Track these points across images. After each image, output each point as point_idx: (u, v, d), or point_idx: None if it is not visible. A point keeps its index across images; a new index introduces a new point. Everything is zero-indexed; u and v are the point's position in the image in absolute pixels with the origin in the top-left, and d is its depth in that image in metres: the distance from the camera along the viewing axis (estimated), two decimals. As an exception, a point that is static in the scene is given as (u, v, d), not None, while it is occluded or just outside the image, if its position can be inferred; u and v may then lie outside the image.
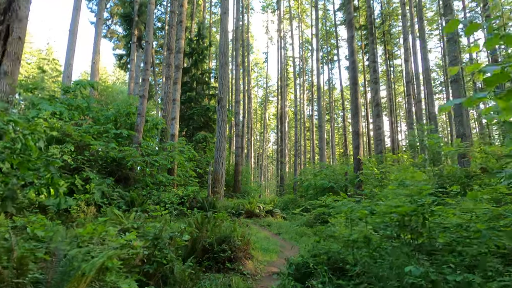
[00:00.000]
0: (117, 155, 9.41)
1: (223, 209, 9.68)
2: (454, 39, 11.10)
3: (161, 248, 3.45)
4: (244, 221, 9.84)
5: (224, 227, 5.63)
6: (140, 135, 11.21)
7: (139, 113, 11.37)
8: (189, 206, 9.52)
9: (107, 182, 8.20)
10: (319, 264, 3.51)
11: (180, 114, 20.51)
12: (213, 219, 6.08)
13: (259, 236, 8.17)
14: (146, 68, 11.71)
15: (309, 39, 43.85)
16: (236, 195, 17.72)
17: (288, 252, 7.10)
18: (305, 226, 9.78)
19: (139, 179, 10.22)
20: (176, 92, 13.47)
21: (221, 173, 10.55)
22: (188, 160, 14.23)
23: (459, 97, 10.59)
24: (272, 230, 10.11)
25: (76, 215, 7.05)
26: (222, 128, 11.12)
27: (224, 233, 5.27)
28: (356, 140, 12.99)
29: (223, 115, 11.10)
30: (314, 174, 15.37)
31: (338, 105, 50.14)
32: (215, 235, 5.16)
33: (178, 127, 16.62)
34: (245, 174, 20.77)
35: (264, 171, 57.08)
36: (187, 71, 21.53)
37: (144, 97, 11.61)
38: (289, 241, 8.59)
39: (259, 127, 58.02)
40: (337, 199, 10.57)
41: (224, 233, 5.21)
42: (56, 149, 7.84)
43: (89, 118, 10.92)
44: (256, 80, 55.60)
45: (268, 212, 12.45)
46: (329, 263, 3.59)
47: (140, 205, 8.34)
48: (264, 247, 6.88)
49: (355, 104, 13.26)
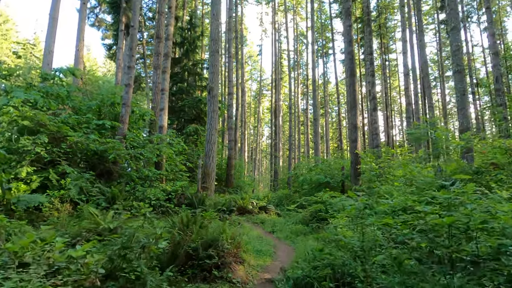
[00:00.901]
0: (99, 147, 8.68)
1: (213, 206, 9.05)
2: (458, 28, 10.53)
3: (130, 260, 2.80)
4: (235, 219, 9.23)
5: (212, 228, 4.99)
6: (125, 126, 10.47)
7: (124, 103, 10.61)
8: (176, 202, 8.87)
9: (85, 176, 7.49)
10: (323, 280, 2.90)
11: (171, 106, 19.76)
12: (200, 218, 5.45)
13: (251, 235, 7.57)
14: (131, 54, 10.92)
15: (303, 32, 43.09)
16: (228, 190, 17.09)
17: (283, 254, 6.52)
18: (301, 224, 9.22)
19: (123, 173, 9.51)
20: (165, 81, 12.72)
21: (211, 167, 9.90)
22: (178, 154, 13.53)
23: (463, 87, 10.06)
24: (265, 228, 9.53)
25: (48, 213, 6.36)
26: (213, 120, 10.44)
27: (211, 235, 4.63)
28: (354, 134, 12.44)
29: (214, 106, 10.41)
30: (310, 169, 14.82)
31: (333, 99, 49.70)
32: (201, 238, 4.52)
33: (167, 119, 15.89)
34: (238, 168, 20.13)
35: (258, 165, 56.57)
36: (178, 61, 20.71)
37: (130, 85, 10.84)
38: (284, 241, 8.01)
39: (253, 121, 57.34)
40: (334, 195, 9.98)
41: (211, 236, 4.58)
42: (28, 141, 7.10)
43: (68, 108, 10.13)
44: (250, 73, 54.77)
45: (262, 209, 11.87)
46: (335, 277, 2.98)
47: (122, 201, 7.65)
48: (257, 249, 6.28)
49: (353, 96, 12.67)
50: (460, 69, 10.14)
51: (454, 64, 10.25)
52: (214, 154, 10.21)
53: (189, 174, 14.14)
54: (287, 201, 14.57)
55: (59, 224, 5.94)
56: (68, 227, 5.90)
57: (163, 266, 3.83)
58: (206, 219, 5.69)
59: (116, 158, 9.05)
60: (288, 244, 7.64)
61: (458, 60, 10.20)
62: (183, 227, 4.71)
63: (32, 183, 6.88)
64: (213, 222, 5.52)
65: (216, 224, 5.64)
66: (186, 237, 4.39)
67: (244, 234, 6.07)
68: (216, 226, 5.28)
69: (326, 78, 42.83)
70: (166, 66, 12.80)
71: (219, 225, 5.24)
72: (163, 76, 12.77)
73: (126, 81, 10.97)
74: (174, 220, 5.44)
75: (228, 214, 9.28)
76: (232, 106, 20.12)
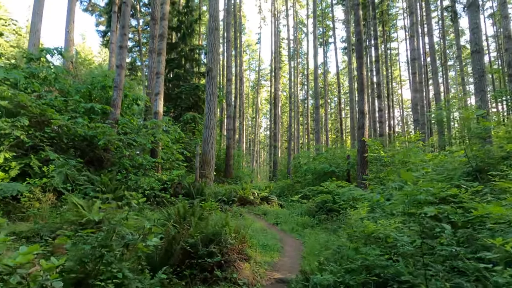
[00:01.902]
0: (88, 132, 7.94)
1: (212, 196, 8.38)
2: (476, 3, 9.77)
3: (108, 263, 2.12)
4: (237, 210, 8.58)
5: (213, 220, 4.32)
6: (117, 111, 9.71)
7: (115, 86, 9.83)
8: (173, 192, 8.19)
9: (71, 163, 6.76)
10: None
11: (167, 92, 18.94)
12: (199, 209, 4.77)
13: (255, 227, 6.91)
14: (123, 33, 10.09)
15: (303, 20, 42.10)
16: (227, 180, 16.45)
17: (291, 249, 5.87)
18: (306, 216, 8.57)
19: (115, 161, 8.79)
20: (160, 64, 11.90)
21: (210, 154, 9.17)
22: (175, 142, 12.82)
23: (481, 69, 9.36)
24: (268, 220, 8.89)
25: (28, 204, 5.66)
26: (212, 103, 9.68)
27: (212, 229, 3.96)
28: (361, 120, 11.74)
29: (213, 88, 9.65)
30: (313, 158, 14.15)
31: (332, 89, 48.93)
32: (201, 232, 3.85)
33: (163, 105, 15.10)
34: (237, 158, 19.47)
35: (256, 157, 55.92)
36: (175, 46, 19.82)
37: (122, 67, 10.05)
38: (290, 234, 7.38)
39: (251, 112, 56.48)
40: (341, 185, 9.26)
41: (212, 229, 3.91)
42: (6, 123, 6.36)
43: (56, 91, 9.34)
44: (248, 63, 53.69)
45: (264, 199, 11.23)
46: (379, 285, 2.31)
47: (112, 191, 6.97)
48: (263, 243, 5.62)
49: (361, 80, 11.93)
50: (478, 49, 9.42)
51: (473, 44, 9.52)
52: (213, 141, 9.49)
53: (186, 164, 13.44)
54: (289, 191, 13.94)
55: (38, 216, 5.26)
56: (49, 219, 5.22)
57: (156, 267, 3.16)
58: (206, 210, 5.02)
59: (106, 144, 8.32)
60: (295, 237, 7.00)
61: (477, 39, 9.47)
62: (180, 220, 4.03)
63: (11, 170, 6.16)
64: (213, 214, 4.85)
65: (217, 216, 4.98)
66: (182, 231, 3.72)
67: (248, 226, 5.40)
68: (218, 218, 4.61)
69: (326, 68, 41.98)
70: (161, 48, 11.97)
71: (220, 217, 4.57)
72: (158, 59, 11.95)
73: (118, 62, 10.17)
74: (170, 211, 4.76)
75: (229, 205, 8.62)
76: (231, 93, 19.34)
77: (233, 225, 4.73)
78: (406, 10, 37.88)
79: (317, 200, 8.96)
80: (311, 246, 5.65)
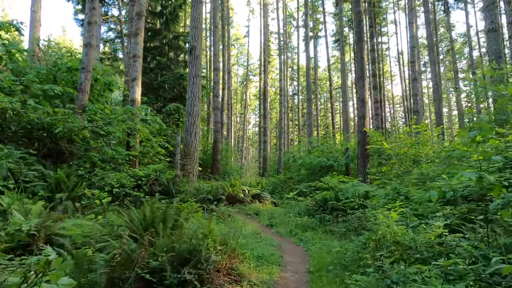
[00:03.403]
0: (44, 119, 6.58)
1: (196, 194, 7.12)
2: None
3: None
4: (225, 210, 7.35)
5: (191, 229, 3.09)
6: (84, 96, 8.32)
7: (83, 68, 8.44)
8: (148, 190, 6.90)
9: (15, 155, 5.40)
10: None
11: (148, 82, 17.46)
12: (174, 212, 3.54)
13: (246, 231, 5.72)
14: (92, 6, 8.70)
15: (292, 13, 41.00)
16: (214, 177, 15.19)
17: (293, 259, 4.69)
18: (306, 216, 7.41)
19: (81, 154, 7.44)
20: (137, 46, 10.53)
21: (193, 145, 7.88)
22: (156, 135, 11.48)
23: (498, 49, 8.38)
24: (262, 221, 7.71)
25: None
26: (195, 87, 8.40)
27: (188, 242, 2.73)
28: (362, 109, 10.67)
29: (197, 69, 8.37)
30: (308, 151, 13.02)
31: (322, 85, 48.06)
32: (171, 248, 2.62)
33: (144, 96, 13.72)
34: (225, 153, 18.21)
35: (245, 154, 54.66)
36: (157, 33, 18.33)
37: (90, 45, 8.66)
38: (288, 238, 6.21)
39: (239, 108, 55.15)
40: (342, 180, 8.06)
41: (187, 244, 2.68)
42: None
43: (7, 70, 7.89)
44: (236, 57, 52.31)
45: (255, 197, 10.04)
46: None
47: (70, 189, 5.64)
48: (258, 254, 4.41)
49: (361, 65, 10.85)
50: (495, 27, 8.44)
51: (488, 21, 8.53)
52: (197, 130, 8.22)
53: (169, 159, 12.14)
54: (282, 188, 12.79)
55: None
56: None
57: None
58: (184, 213, 3.79)
59: (69, 134, 6.96)
60: (295, 242, 5.83)
61: (493, 16, 8.47)
62: (141, 229, 2.79)
63: None
64: (192, 218, 3.62)
65: (197, 221, 3.75)
66: (142, 247, 2.47)
67: (239, 233, 4.20)
68: (198, 225, 3.38)
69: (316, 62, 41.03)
70: (138, 28, 10.58)
71: (201, 224, 3.35)
72: (135, 40, 10.57)
73: (86, 40, 8.79)
74: (133, 216, 3.50)
75: (215, 205, 7.38)
76: (218, 84, 18.04)
77: (219, 233, 3.52)
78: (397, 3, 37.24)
79: (317, 197, 7.83)
80: (318, 256, 4.49)
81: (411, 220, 3.29)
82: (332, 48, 40.11)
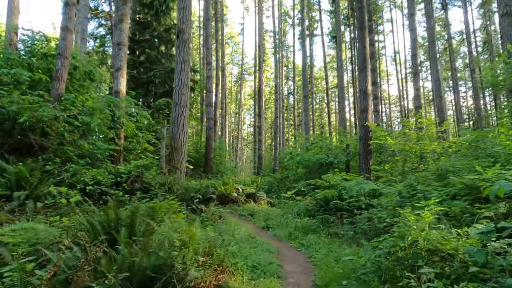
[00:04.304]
0: (8, 107, 5.75)
1: (182, 193, 6.33)
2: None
3: None
4: (215, 211, 6.57)
5: (162, 235, 2.32)
6: (61, 84, 7.51)
7: (59, 53, 7.63)
8: (128, 188, 6.10)
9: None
10: None
11: (138, 77, 16.62)
12: (148, 213, 2.77)
13: (238, 235, 4.96)
14: (70, -15, 7.90)
15: (288, 11, 40.40)
16: (207, 176, 14.39)
17: (295, 269, 3.93)
18: (306, 217, 6.66)
19: (54, 148, 6.61)
20: (122, 33, 9.71)
21: (181, 139, 7.06)
22: (144, 131, 10.68)
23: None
24: (257, 222, 6.95)
25: None
26: (183, 74, 7.61)
27: (156, 254, 1.96)
28: (364, 101, 9.97)
29: (185, 55, 7.58)
30: (306, 148, 12.29)
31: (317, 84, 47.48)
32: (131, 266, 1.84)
33: (132, 90, 12.90)
34: (218, 151, 17.41)
35: (239, 154, 53.85)
36: (147, 26, 17.52)
37: (68, 29, 7.85)
38: (287, 242, 5.45)
39: (234, 108, 54.35)
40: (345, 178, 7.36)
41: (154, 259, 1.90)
42: None
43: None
44: (230, 56, 51.52)
45: (250, 197, 9.27)
46: None
47: (33, 187, 4.82)
48: (252, 263, 3.65)
49: (363, 54, 10.16)
50: (509, 10, 7.80)
51: (502, 5, 7.89)
52: (185, 122, 7.41)
53: (158, 157, 11.35)
54: (278, 187, 12.04)
55: None
56: None
57: None
58: (161, 214, 3.02)
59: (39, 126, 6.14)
60: (296, 247, 5.08)
61: (507, 0, 7.84)
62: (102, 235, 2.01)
63: None
64: (168, 220, 2.85)
65: (179, 224, 2.97)
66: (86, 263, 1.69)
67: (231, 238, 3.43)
68: (176, 228, 2.61)
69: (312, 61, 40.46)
70: (123, 13, 9.76)
71: (180, 228, 2.57)
72: (120, 27, 9.75)
73: (63, 23, 7.98)
74: (92, 218, 2.72)
75: (204, 205, 6.59)
76: (211, 78, 17.26)
77: (204, 239, 2.75)
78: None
79: (318, 196, 7.09)
80: (325, 265, 3.75)
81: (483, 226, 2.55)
82: (328, 46, 39.50)
